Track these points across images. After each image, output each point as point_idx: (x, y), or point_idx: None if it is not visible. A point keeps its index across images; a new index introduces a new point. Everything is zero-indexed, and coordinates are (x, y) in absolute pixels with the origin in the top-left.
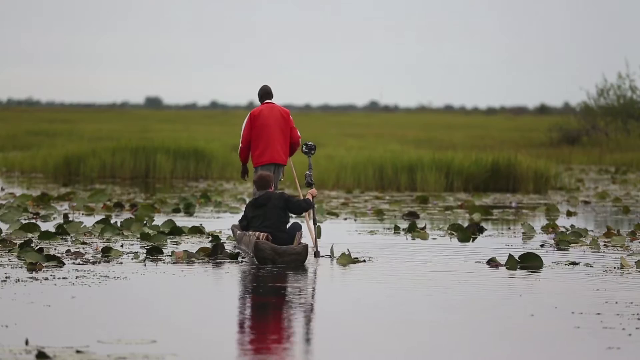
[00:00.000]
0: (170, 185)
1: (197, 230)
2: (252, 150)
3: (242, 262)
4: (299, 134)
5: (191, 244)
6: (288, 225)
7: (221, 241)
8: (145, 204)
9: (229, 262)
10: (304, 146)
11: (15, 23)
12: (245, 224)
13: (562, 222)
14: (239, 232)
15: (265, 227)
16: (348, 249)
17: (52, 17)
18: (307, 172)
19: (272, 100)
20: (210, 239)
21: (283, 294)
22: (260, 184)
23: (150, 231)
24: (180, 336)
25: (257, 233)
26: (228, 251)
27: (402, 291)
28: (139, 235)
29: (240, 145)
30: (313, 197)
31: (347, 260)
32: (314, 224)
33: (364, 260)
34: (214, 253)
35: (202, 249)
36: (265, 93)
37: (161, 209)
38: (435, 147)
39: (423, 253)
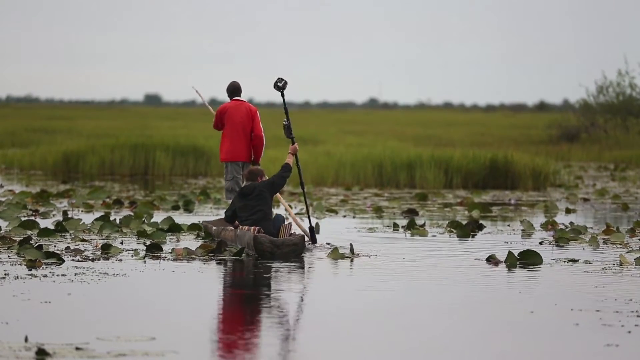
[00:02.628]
0: (169, 182)
1: (196, 228)
2: (220, 144)
3: (243, 259)
4: (262, 133)
5: (189, 240)
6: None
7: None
8: (145, 201)
9: (229, 259)
10: (275, 85)
11: (14, 20)
12: (230, 215)
13: (561, 219)
14: (214, 227)
15: (252, 214)
16: (351, 244)
17: (52, 15)
18: (285, 121)
19: (242, 97)
20: (201, 236)
21: (284, 292)
22: (249, 177)
23: (149, 228)
24: (180, 333)
25: (245, 227)
26: (231, 249)
27: (401, 288)
28: (136, 233)
29: (214, 123)
30: (295, 155)
31: (337, 255)
32: (302, 187)
33: (353, 255)
34: (218, 250)
35: (203, 246)
36: (234, 89)
37: (160, 206)
38: (434, 144)
39: (422, 250)
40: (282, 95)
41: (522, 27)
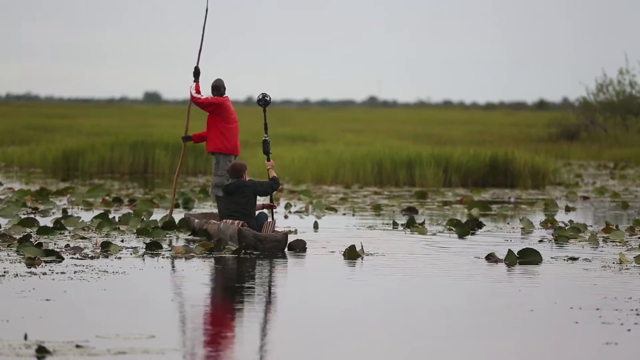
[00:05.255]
0: (169, 180)
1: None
2: (217, 136)
3: (242, 257)
4: None
5: (186, 239)
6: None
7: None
8: (144, 199)
9: (227, 256)
10: (259, 101)
11: (14, 18)
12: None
13: (561, 217)
14: (197, 220)
15: (236, 211)
16: (361, 243)
17: (51, 12)
18: (265, 137)
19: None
20: (195, 234)
21: (284, 290)
22: (233, 173)
23: (147, 227)
24: (179, 331)
25: (229, 221)
26: (230, 246)
27: (400, 286)
28: (135, 230)
29: (205, 99)
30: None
31: (353, 254)
32: (271, 200)
33: (364, 254)
34: (217, 248)
35: (202, 244)
36: (222, 88)
37: (160, 204)
38: (433, 142)
39: (421, 248)
40: (264, 110)
41: (522, 25)
